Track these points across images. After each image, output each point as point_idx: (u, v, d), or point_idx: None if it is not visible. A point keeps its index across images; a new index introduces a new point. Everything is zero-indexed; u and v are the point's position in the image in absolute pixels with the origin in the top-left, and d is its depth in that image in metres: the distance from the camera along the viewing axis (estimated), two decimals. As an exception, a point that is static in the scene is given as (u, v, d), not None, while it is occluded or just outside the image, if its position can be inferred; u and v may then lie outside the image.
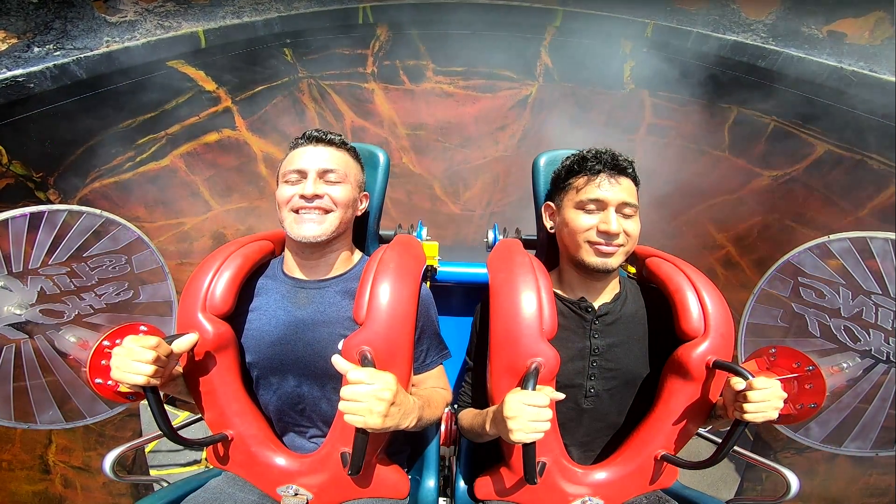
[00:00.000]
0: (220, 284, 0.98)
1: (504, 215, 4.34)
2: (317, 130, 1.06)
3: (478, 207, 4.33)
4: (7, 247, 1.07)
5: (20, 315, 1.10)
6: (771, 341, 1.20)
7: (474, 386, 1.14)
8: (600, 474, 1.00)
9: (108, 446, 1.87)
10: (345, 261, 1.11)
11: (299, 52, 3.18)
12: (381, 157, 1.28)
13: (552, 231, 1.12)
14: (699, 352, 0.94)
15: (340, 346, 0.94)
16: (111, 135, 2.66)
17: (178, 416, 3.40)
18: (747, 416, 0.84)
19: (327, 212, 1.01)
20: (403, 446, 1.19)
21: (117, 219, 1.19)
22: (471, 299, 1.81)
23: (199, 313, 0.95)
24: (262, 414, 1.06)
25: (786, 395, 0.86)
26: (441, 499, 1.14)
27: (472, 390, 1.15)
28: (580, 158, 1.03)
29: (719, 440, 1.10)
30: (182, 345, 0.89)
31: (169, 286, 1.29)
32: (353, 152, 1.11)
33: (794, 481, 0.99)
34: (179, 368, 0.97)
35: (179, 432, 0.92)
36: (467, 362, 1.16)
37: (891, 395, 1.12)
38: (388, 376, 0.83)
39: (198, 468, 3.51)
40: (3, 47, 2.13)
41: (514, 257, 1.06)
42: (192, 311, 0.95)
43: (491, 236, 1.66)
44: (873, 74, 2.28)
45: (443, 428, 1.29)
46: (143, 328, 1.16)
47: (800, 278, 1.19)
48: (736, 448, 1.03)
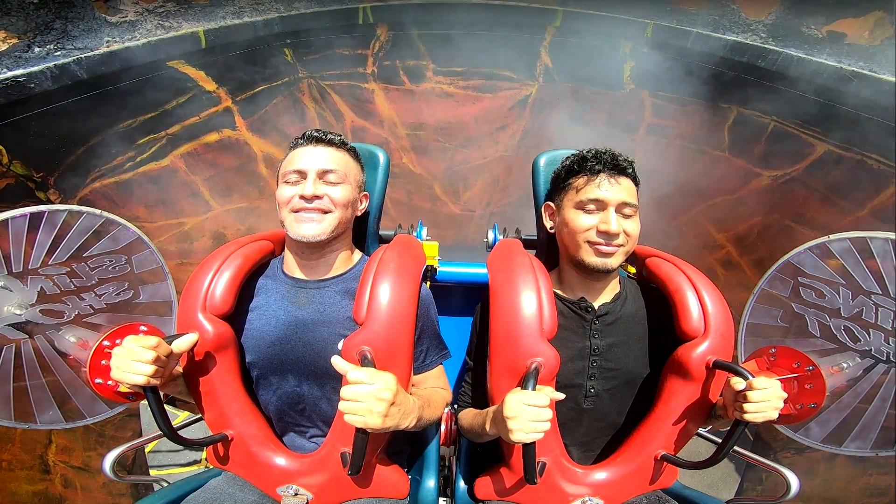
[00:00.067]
0: (220, 284, 0.98)
1: (504, 215, 4.34)
2: (317, 130, 1.06)
3: (478, 207, 4.33)
4: (7, 247, 1.07)
5: (20, 315, 1.10)
6: (771, 341, 1.20)
7: (474, 386, 1.14)
8: (600, 474, 1.00)
9: (108, 446, 1.87)
10: (345, 261, 1.11)
11: (299, 53, 3.18)
12: (381, 157, 1.28)
13: (552, 231, 1.12)
14: (699, 352, 0.94)
15: (340, 346, 0.94)
16: (111, 135, 2.66)
17: (178, 416, 3.40)
18: (747, 416, 0.84)
19: (327, 212, 1.02)
20: (403, 446, 1.19)
21: (117, 219, 1.19)
22: (471, 299, 1.81)
23: (199, 313, 0.95)
24: (262, 414, 1.06)
25: (786, 395, 0.86)
26: (441, 499, 1.14)
27: (472, 390, 1.15)
28: (580, 158, 1.03)
29: (719, 440, 1.10)
30: (182, 345, 0.89)
31: (169, 286, 1.29)
32: (353, 152, 1.11)
33: (794, 481, 0.99)
34: (179, 368, 0.97)
35: (179, 432, 0.92)
36: (467, 362, 1.16)
37: (891, 395, 1.12)
38: (388, 376, 0.83)
39: (198, 468, 3.51)
40: (3, 47, 2.13)
41: (514, 257, 1.06)
42: (192, 311, 0.96)
43: (491, 236, 1.66)
44: (873, 74, 2.28)
45: (443, 428, 1.29)
46: (143, 328, 1.16)
47: (800, 278, 1.19)
48: (736, 448, 1.02)
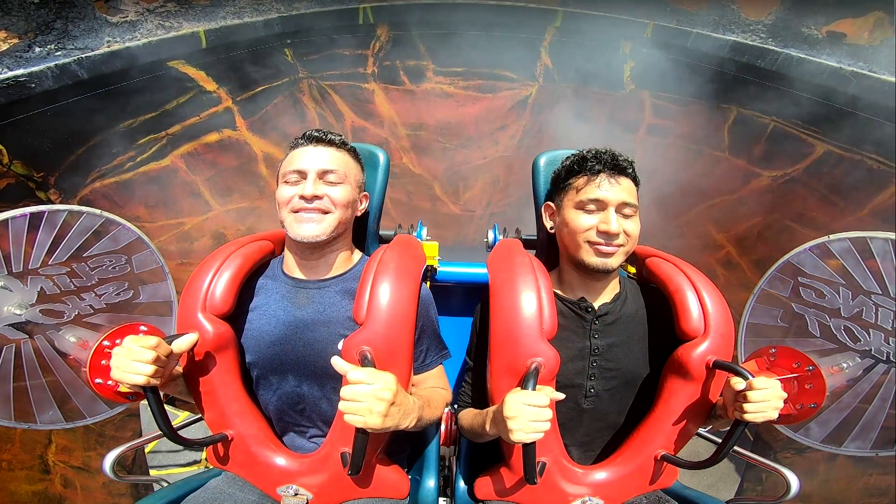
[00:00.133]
0: (220, 284, 0.99)
1: (504, 215, 4.34)
2: (317, 131, 1.06)
3: (478, 208, 4.33)
4: (7, 247, 1.07)
5: (20, 315, 1.10)
6: (771, 341, 1.20)
7: (474, 386, 1.14)
8: (600, 474, 1.00)
9: (108, 446, 1.87)
10: (345, 261, 1.11)
11: (300, 53, 3.18)
12: (381, 157, 1.28)
13: (552, 231, 1.12)
14: (699, 352, 0.94)
15: (340, 346, 0.94)
16: (112, 135, 2.66)
17: (178, 416, 3.40)
18: (747, 416, 0.84)
19: (327, 212, 1.01)
20: (403, 446, 1.19)
21: (117, 219, 1.19)
22: (471, 299, 1.81)
23: (199, 313, 0.95)
24: (262, 414, 1.06)
25: (786, 395, 0.86)
26: (441, 499, 1.14)
27: (472, 390, 1.15)
28: (580, 158, 1.03)
29: (719, 440, 1.10)
30: (182, 345, 0.89)
31: (169, 286, 1.29)
32: (353, 152, 1.11)
33: (794, 481, 0.99)
34: (179, 368, 0.97)
35: (179, 432, 0.92)
36: (467, 362, 1.16)
37: (891, 395, 1.12)
38: (388, 376, 0.83)
39: (198, 468, 3.51)
40: (4, 47, 2.13)
41: (514, 257, 1.06)
42: (192, 311, 0.96)
43: (491, 236, 1.66)
44: (873, 75, 2.28)
45: (443, 428, 1.29)
46: (143, 328, 1.16)
47: (800, 278, 1.19)
48: (736, 448, 1.02)
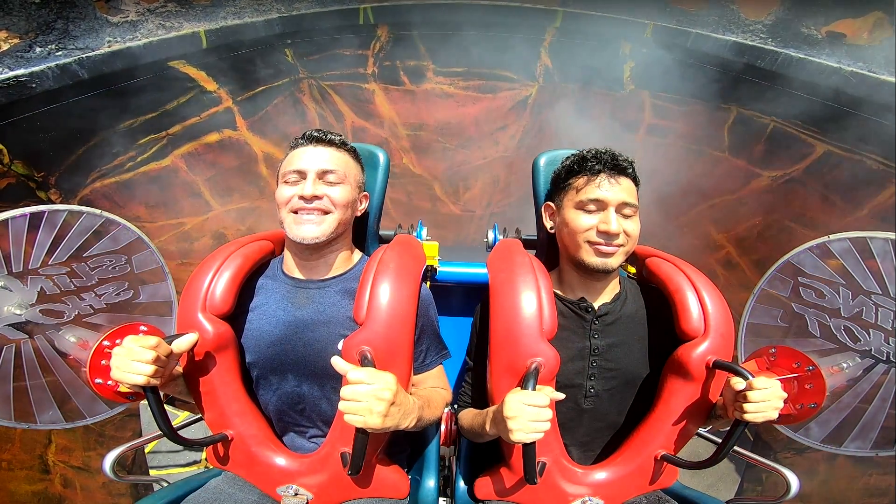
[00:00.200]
0: (220, 284, 0.98)
1: (504, 215, 4.34)
2: (317, 131, 1.06)
3: (478, 208, 4.34)
4: (7, 247, 1.07)
5: (20, 315, 1.10)
6: (771, 341, 1.20)
7: (474, 386, 1.14)
8: (600, 474, 1.00)
9: (108, 446, 1.87)
10: (345, 261, 1.11)
11: (300, 53, 3.18)
12: (381, 158, 1.28)
13: (552, 231, 1.12)
14: (699, 352, 0.94)
15: (340, 346, 0.94)
16: (112, 135, 2.67)
17: (178, 416, 3.40)
18: (747, 416, 0.84)
19: (326, 213, 1.01)
20: (403, 446, 1.19)
21: (117, 219, 1.19)
22: (471, 299, 1.81)
23: (199, 313, 0.95)
24: (262, 414, 1.06)
25: (786, 395, 0.86)
26: (441, 499, 1.14)
27: (472, 390, 1.15)
28: (580, 158, 1.03)
29: (719, 440, 1.10)
30: (182, 345, 0.89)
31: (169, 286, 1.29)
32: (353, 152, 1.11)
33: (794, 481, 0.99)
34: (179, 368, 0.97)
35: (179, 432, 0.92)
36: (467, 362, 1.16)
37: (891, 395, 1.12)
38: (388, 376, 0.83)
39: (198, 468, 3.51)
40: (5, 47, 2.13)
41: (514, 257, 1.06)
42: (192, 311, 0.96)
43: (491, 236, 1.66)
44: (872, 75, 2.28)
45: (443, 428, 1.29)
46: (143, 328, 1.16)
47: (800, 278, 1.19)
48: (736, 448, 1.02)
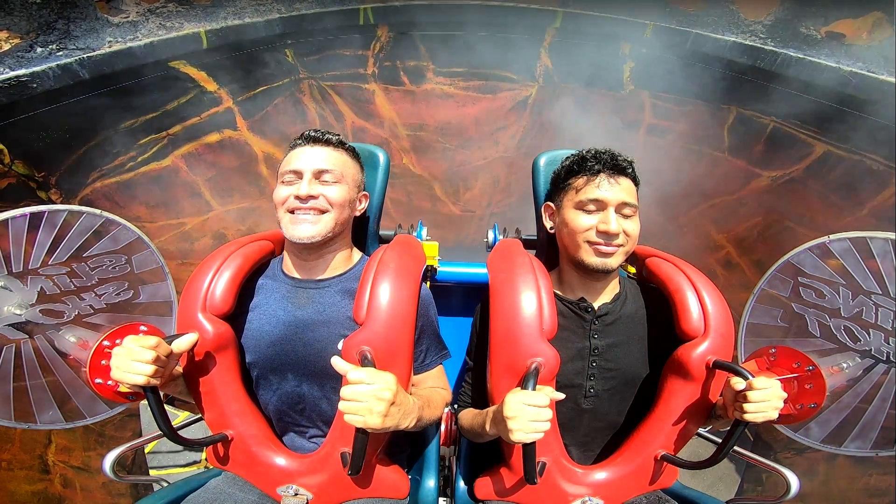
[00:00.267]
0: (220, 284, 0.99)
1: (504, 215, 4.34)
2: (315, 130, 1.06)
3: (478, 208, 4.34)
4: (7, 247, 1.07)
5: (20, 315, 1.10)
6: (771, 341, 1.20)
7: (474, 386, 1.14)
8: (600, 474, 1.00)
9: (108, 446, 1.87)
10: (344, 261, 1.11)
11: (300, 53, 3.18)
12: (381, 158, 1.28)
13: (552, 231, 1.12)
14: (699, 352, 0.94)
15: (340, 346, 0.94)
16: (113, 135, 2.67)
17: (178, 416, 3.40)
18: (747, 416, 0.84)
19: (323, 212, 1.01)
20: (403, 446, 1.19)
21: (117, 219, 1.19)
22: (471, 299, 1.81)
23: (199, 313, 0.95)
24: (262, 414, 1.06)
25: (786, 395, 0.86)
26: (441, 499, 1.14)
27: (472, 390, 1.15)
28: (580, 158, 1.03)
29: (719, 440, 1.10)
30: (182, 345, 0.89)
31: (169, 286, 1.29)
32: (351, 152, 1.11)
33: (794, 481, 0.99)
34: (179, 368, 0.97)
35: (179, 432, 0.92)
36: (467, 362, 1.16)
37: (891, 395, 1.12)
38: (388, 376, 0.83)
39: (198, 468, 3.51)
40: (6, 47, 2.13)
41: (514, 257, 1.06)
42: (192, 311, 0.96)
43: (491, 236, 1.66)
44: (872, 75, 2.28)
45: (443, 428, 1.29)
46: (143, 328, 1.16)
47: (800, 278, 1.19)
48: (736, 448, 1.02)
